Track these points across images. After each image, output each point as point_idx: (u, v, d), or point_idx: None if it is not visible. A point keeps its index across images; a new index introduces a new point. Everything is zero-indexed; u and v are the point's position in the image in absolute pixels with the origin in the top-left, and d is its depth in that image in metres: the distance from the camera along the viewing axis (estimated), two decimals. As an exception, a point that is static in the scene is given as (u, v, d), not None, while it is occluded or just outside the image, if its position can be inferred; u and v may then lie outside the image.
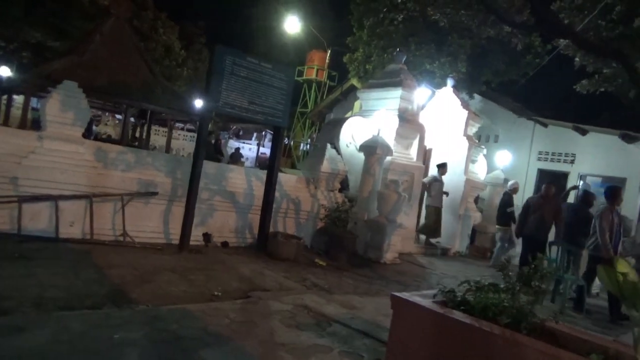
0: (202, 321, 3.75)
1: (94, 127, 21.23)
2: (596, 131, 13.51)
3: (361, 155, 8.96)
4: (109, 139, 20.01)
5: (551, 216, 7.94)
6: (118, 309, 3.80)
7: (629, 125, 13.15)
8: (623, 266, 2.35)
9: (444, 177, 10.56)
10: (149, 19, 23.87)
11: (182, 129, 33.26)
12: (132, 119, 17.82)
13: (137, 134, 20.22)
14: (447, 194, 10.72)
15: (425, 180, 10.41)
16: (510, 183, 10.81)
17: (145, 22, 23.46)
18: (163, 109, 14.56)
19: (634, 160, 12.64)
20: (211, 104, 6.63)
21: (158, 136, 28.28)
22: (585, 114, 16.35)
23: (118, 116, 25.21)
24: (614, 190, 7.32)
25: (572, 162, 14.00)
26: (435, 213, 10.37)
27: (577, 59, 12.75)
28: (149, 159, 6.99)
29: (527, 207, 8.23)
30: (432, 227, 10.37)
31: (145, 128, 17.79)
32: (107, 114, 26.96)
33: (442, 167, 10.54)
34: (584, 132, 13.67)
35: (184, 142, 33.74)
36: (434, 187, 10.38)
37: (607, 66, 12.19)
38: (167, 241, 6.71)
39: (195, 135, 10.41)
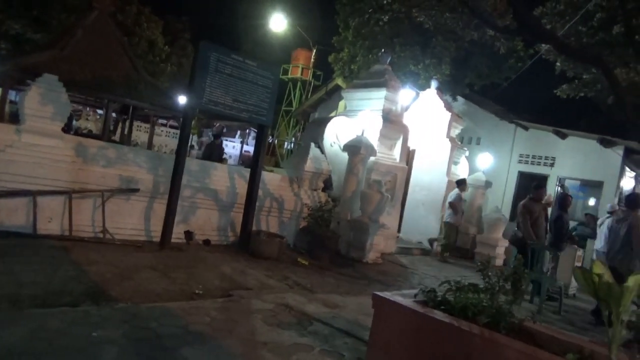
0: (182, 319, 3.72)
1: (74, 122, 20.89)
2: (575, 135, 13.78)
3: (345, 155, 8.99)
4: (89, 134, 19.68)
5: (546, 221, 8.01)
6: (97, 307, 3.75)
7: (607, 130, 13.47)
8: (598, 267, 2.41)
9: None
10: (133, 14, 23.51)
11: (165, 125, 32.90)
12: (113, 114, 17.56)
13: (119, 130, 19.95)
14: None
15: (453, 200, 10.38)
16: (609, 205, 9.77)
17: (128, 16, 23.10)
18: (145, 105, 14.39)
19: (610, 165, 12.94)
20: (195, 100, 6.58)
21: (140, 132, 27.93)
22: (565, 118, 16.66)
23: (99, 111, 24.83)
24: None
25: (552, 165, 14.25)
26: (456, 231, 10.60)
27: (558, 63, 13.00)
28: (130, 155, 6.90)
29: (530, 213, 7.85)
30: (452, 245, 10.58)
31: (127, 124, 17.56)
32: (88, 108, 26.54)
33: (462, 184, 10.61)
34: (563, 136, 13.92)
35: (167, 138, 33.41)
36: (460, 206, 10.48)
37: (587, 72, 12.46)
38: (148, 239, 6.64)
39: (179, 131, 10.31)
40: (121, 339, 3.18)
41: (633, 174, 13.68)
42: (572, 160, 13.77)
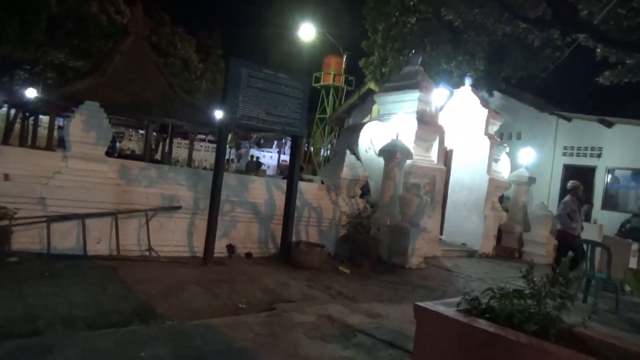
0: (226, 335, 3.77)
1: (117, 144, 21.73)
2: (623, 123, 13.17)
3: (381, 160, 8.92)
4: (132, 154, 20.44)
5: None
6: (145, 326, 3.86)
7: (657, 115, 12.78)
8: (652, 269, 2.27)
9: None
10: (166, 34, 24.35)
11: (204, 140, 33.72)
12: (154, 134, 18.16)
13: (160, 148, 20.59)
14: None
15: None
16: None
17: (162, 37, 23.95)
18: (183, 123, 14.80)
19: (664, 151, 12.28)
20: (229, 116, 6.71)
21: (180, 149, 28.73)
22: (610, 106, 15.92)
23: (141, 131, 25.72)
24: None
25: (599, 155, 13.69)
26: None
27: (598, 50, 12.44)
28: (170, 174, 7.11)
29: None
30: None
31: (167, 142, 18.09)
32: (130, 129, 27.58)
33: (573, 190, 10.32)
34: (609, 125, 13.35)
35: (206, 153, 34.18)
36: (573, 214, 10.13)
37: (630, 57, 11.85)
38: (192, 254, 6.80)
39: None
40: (167, 357, 3.25)
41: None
42: (621, 150, 13.17)
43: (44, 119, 18.54)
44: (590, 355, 2.39)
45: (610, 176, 13.66)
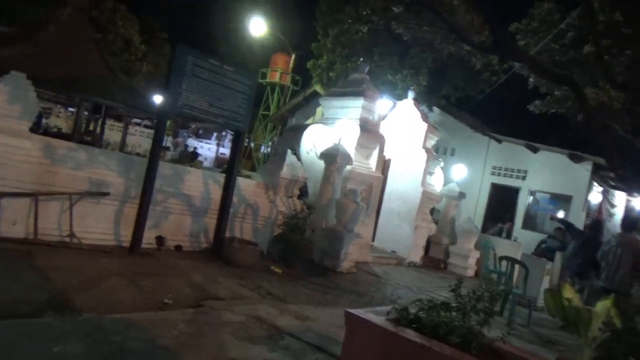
0: (149, 332, 3.61)
1: (43, 120, 20.29)
2: (546, 150, 14.13)
3: (321, 163, 8.97)
4: (59, 133, 19.14)
5: None
6: (59, 318, 3.60)
7: (577, 145, 13.87)
8: (568, 292, 2.43)
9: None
10: (108, 11, 23.06)
11: (140, 124, 32.27)
12: (85, 113, 17.13)
13: (91, 128, 19.48)
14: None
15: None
16: None
17: (104, 13, 22.65)
18: (119, 105, 14.08)
19: (579, 179, 13.32)
20: (170, 104, 6.45)
21: (113, 131, 27.27)
22: (537, 132, 17.09)
23: (71, 109, 24.19)
24: None
25: (524, 178, 14.57)
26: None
27: (531, 79, 13.31)
28: (101, 158, 6.71)
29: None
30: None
31: (100, 123, 17.15)
32: (58, 105, 25.80)
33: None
34: (535, 150, 14.26)
35: (141, 138, 32.70)
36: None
37: (559, 89, 12.78)
38: (118, 243, 6.46)
39: (153, 132, 10.10)
40: (83, 355, 3.05)
41: (600, 188, 14.10)
42: (543, 174, 14.11)
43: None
44: (507, 368, 2.52)
45: (531, 198, 14.60)
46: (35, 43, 11.93)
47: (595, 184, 13.72)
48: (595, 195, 14.05)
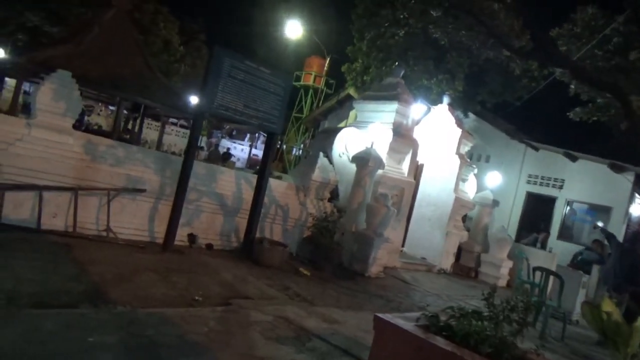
0: (180, 328, 3.68)
1: (85, 118, 21.03)
2: (586, 159, 13.65)
3: (353, 166, 8.94)
4: (100, 130, 19.79)
5: None
6: (95, 309, 3.71)
7: (618, 155, 13.33)
8: (608, 305, 2.34)
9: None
10: (150, 12, 23.72)
11: (176, 124, 33.07)
12: (125, 111, 17.64)
13: (130, 126, 20.04)
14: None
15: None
16: None
17: (146, 15, 23.30)
18: (157, 105, 14.43)
19: (620, 190, 12.80)
20: (206, 104, 6.58)
21: (150, 130, 28.04)
22: (576, 140, 16.53)
23: (111, 107, 24.98)
24: None
25: (561, 187, 14.13)
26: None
27: (572, 86, 12.92)
28: (139, 155, 6.90)
29: None
30: None
31: (138, 122, 17.63)
32: (100, 104, 26.71)
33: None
34: (574, 159, 13.81)
35: (177, 137, 33.55)
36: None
37: (601, 96, 12.36)
38: (152, 240, 6.62)
39: (188, 132, 10.31)
40: (117, 346, 3.14)
41: (643, 200, 13.53)
42: (582, 184, 13.64)
43: (10, 82, 17.73)
44: (540, 382, 2.44)
45: (568, 208, 14.14)
46: (80, 43, 12.37)
47: (637, 195, 13.16)
48: (637, 207, 13.48)
